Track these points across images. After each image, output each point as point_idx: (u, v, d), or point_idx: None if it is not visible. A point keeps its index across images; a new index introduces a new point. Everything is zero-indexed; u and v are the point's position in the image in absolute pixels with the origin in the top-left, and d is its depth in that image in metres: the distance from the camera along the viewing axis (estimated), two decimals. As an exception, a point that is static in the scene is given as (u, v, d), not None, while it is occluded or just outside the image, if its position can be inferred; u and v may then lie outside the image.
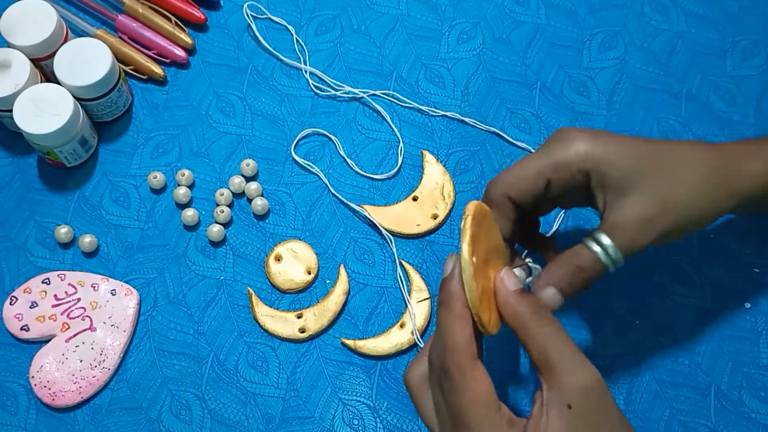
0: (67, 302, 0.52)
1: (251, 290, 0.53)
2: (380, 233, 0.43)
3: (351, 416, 0.50)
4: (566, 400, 0.36)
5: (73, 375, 0.50)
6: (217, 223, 0.55)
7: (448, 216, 0.55)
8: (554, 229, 0.55)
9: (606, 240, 0.41)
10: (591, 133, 0.42)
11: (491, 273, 0.40)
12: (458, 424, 0.37)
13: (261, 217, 0.55)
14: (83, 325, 0.51)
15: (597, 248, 0.41)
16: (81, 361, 0.50)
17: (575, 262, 0.41)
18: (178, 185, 0.55)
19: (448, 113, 0.58)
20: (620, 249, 0.41)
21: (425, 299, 0.53)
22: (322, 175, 0.56)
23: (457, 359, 0.37)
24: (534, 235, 0.48)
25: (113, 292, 0.52)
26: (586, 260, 0.41)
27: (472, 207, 0.40)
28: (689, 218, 0.41)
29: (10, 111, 0.52)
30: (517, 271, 0.42)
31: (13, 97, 0.52)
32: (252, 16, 0.60)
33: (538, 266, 0.44)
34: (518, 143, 0.58)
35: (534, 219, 0.48)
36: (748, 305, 0.53)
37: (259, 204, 0.55)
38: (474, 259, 0.38)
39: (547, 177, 0.42)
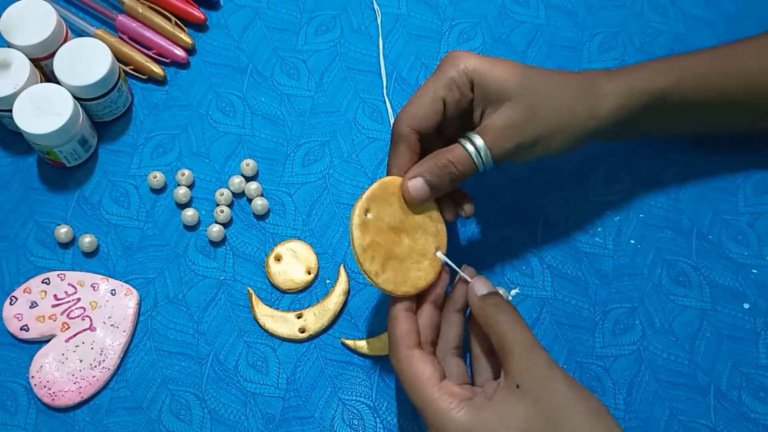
0: (67, 302, 0.52)
1: (251, 290, 0.53)
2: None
3: (351, 416, 0.50)
4: (516, 381, 0.39)
5: (73, 375, 0.50)
6: (217, 223, 0.55)
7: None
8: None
9: (478, 140, 0.45)
10: (476, 54, 0.46)
11: (404, 240, 0.45)
12: (410, 398, 0.42)
13: (261, 217, 0.55)
14: (83, 325, 0.51)
15: (469, 147, 0.45)
16: (81, 361, 0.50)
17: (447, 155, 0.45)
18: (178, 185, 0.55)
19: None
20: (490, 150, 0.45)
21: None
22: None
23: (395, 350, 0.43)
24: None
25: (113, 292, 0.52)
26: (458, 155, 0.45)
27: (387, 178, 0.45)
28: (551, 129, 0.46)
29: (10, 111, 0.52)
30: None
31: (13, 96, 0.52)
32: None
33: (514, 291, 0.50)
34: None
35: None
36: (747, 306, 0.53)
37: (259, 204, 0.55)
38: (369, 215, 0.44)
39: (441, 97, 0.45)
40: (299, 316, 0.52)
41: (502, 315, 0.42)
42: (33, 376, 0.50)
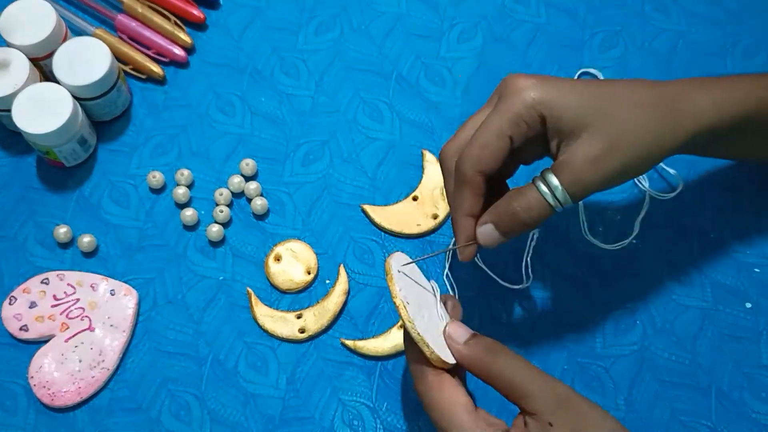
0: (66, 302, 0.52)
1: (251, 290, 0.53)
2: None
3: (351, 416, 0.50)
4: (547, 420, 0.37)
5: (72, 375, 0.50)
6: (216, 222, 0.54)
7: (448, 216, 0.55)
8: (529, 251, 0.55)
9: (553, 179, 0.41)
10: (538, 78, 0.42)
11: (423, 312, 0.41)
12: (439, 424, 0.39)
13: (260, 217, 0.55)
14: (82, 325, 0.51)
15: (544, 187, 0.41)
16: (80, 361, 0.50)
17: (519, 203, 0.41)
18: (178, 185, 0.55)
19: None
20: (567, 189, 0.40)
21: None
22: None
23: (423, 374, 0.40)
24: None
25: (112, 292, 0.52)
26: (531, 202, 0.41)
27: (388, 264, 0.42)
28: (636, 157, 0.41)
29: (10, 111, 0.52)
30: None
31: (13, 96, 0.52)
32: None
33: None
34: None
35: (502, 186, 0.47)
36: (748, 305, 0.53)
37: (259, 204, 0.55)
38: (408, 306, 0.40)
39: (508, 135, 0.41)
40: (299, 317, 0.52)
41: (497, 357, 0.39)
42: (32, 376, 0.50)
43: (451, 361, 0.40)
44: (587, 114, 0.40)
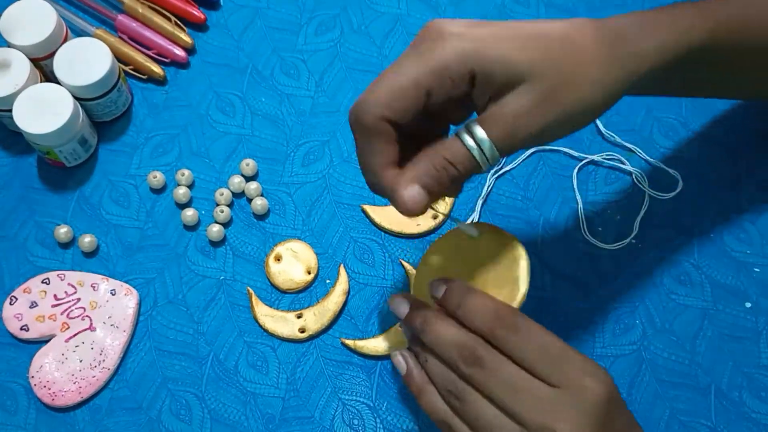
0: (67, 302, 0.52)
1: (251, 290, 0.53)
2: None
3: (351, 416, 0.50)
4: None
5: (73, 375, 0.50)
6: (216, 222, 0.54)
7: (448, 216, 0.55)
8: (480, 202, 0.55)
9: (480, 132, 0.36)
10: (467, 24, 0.37)
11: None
12: None
13: (261, 217, 0.55)
14: (83, 325, 0.51)
15: (470, 141, 0.37)
16: (81, 361, 0.50)
17: (444, 155, 0.37)
18: (178, 185, 0.55)
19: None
20: (496, 143, 0.36)
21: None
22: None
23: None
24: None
25: (113, 292, 0.52)
26: (457, 154, 0.37)
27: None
28: (574, 108, 0.37)
29: (10, 111, 0.52)
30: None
31: (13, 96, 0.52)
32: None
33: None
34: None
35: (437, 135, 0.41)
36: (748, 305, 0.53)
37: (259, 204, 0.55)
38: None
39: (426, 87, 0.36)
40: (299, 316, 0.52)
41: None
42: (33, 376, 0.50)
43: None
44: (526, 67, 0.36)
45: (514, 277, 0.41)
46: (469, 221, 0.56)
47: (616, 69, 0.37)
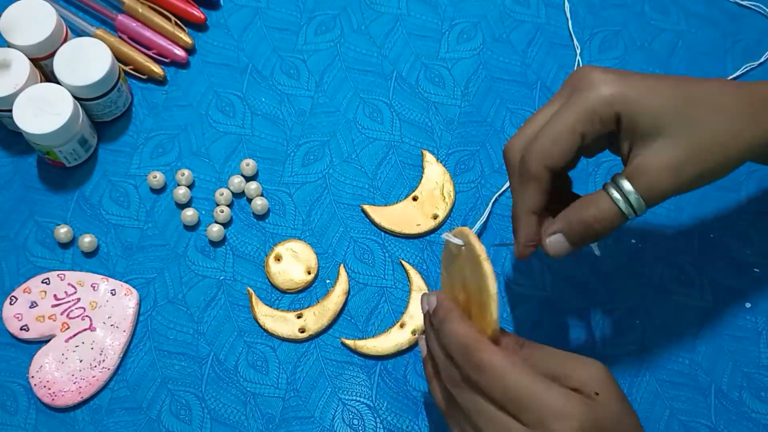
0: (67, 302, 0.52)
1: (251, 290, 0.53)
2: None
3: (351, 416, 0.50)
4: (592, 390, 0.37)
5: (73, 375, 0.50)
6: (216, 222, 0.54)
7: (448, 216, 0.55)
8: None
9: (627, 185, 0.38)
10: (615, 72, 0.39)
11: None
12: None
13: (261, 217, 0.55)
14: (83, 325, 0.51)
15: (617, 194, 0.39)
16: (81, 361, 0.50)
17: (591, 211, 0.39)
18: (178, 185, 0.55)
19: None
20: (642, 196, 0.38)
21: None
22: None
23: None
24: (567, 196, 0.45)
25: (113, 291, 0.52)
26: (604, 210, 0.39)
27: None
28: (716, 165, 0.39)
29: (10, 111, 0.52)
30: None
31: (13, 96, 0.52)
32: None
33: None
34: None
35: (565, 178, 0.45)
36: (748, 305, 0.53)
37: (259, 204, 0.55)
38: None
39: (580, 132, 0.39)
40: (299, 316, 0.52)
41: (530, 349, 0.39)
42: (33, 376, 0.50)
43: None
44: (667, 116, 0.38)
45: (486, 301, 0.39)
46: (475, 228, 0.56)
47: (753, 128, 0.39)
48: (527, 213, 0.41)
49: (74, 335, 0.51)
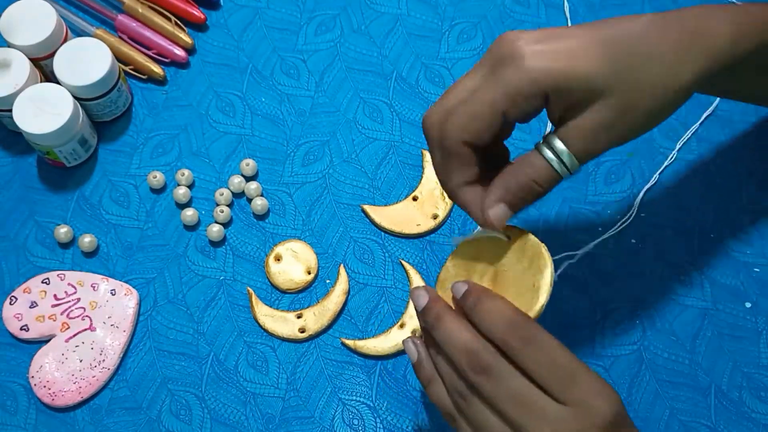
0: (67, 302, 0.52)
1: (251, 290, 0.53)
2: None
3: (351, 416, 0.50)
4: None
5: (73, 375, 0.50)
6: (216, 222, 0.54)
7: (448, 216, 0.55)
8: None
9: (560, 145, 0.38)
10: (539, 41, 0.37)
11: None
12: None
13: (261, 217, 0.55)
14: (83, 325, 0.51)
15: (550, 154, 0.38)
16: (81, 361, 0.50)
17: (528, 172, 0.38)
18: (178, 185, 0.55)
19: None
20: (576, 154, 0.38)
21: None
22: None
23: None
24: (504, 163, 0.42)
25: (113, 291, 0.52)
26: (540, 170, 0.38)
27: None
28: (650, 114, 0.38)
29: (10, 111, 0.52)
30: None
31: (13, 96, 0.52)
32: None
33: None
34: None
35: (501, 147, 0.43)
36: (748, 305, 0.53)
37: (259, 204, 0.55)
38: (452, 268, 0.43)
39: (502, 111, 0.37)
40: (299, 316, 0.52)
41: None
42: (33, 376, 0.50)
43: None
44: (598, 79, 0.36)
45: (535, 287, 0.39)
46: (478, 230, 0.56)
47: (688, 68, 0.37)
48: (459, 186, 0.40)
49: (74, 335, 0.51)
